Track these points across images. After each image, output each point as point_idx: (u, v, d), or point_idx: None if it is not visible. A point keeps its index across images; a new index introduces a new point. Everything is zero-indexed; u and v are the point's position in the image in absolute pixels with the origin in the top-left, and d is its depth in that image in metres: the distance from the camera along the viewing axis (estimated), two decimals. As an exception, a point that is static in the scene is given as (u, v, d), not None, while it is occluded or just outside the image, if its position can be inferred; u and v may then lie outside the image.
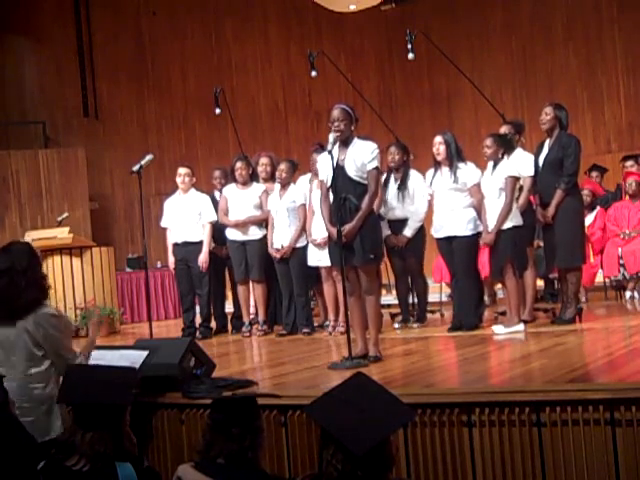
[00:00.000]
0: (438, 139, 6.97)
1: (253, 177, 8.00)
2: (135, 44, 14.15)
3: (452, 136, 7.00)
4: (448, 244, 6.96)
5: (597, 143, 12.10)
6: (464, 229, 6.84)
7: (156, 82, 14.16)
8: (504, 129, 7.22)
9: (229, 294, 8.67)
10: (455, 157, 6.90)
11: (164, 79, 14.13)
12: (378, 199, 6.93)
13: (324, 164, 5.57)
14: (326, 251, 6.99)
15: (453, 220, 6.86)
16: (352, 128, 5.47)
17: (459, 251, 6.88)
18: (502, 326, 6.50)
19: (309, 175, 7.67)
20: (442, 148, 6.93)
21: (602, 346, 5.71)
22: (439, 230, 7.00)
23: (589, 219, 8.73)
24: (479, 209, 6.77)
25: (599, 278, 8.74)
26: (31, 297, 4.00)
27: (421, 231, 7.36)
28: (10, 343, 4.02)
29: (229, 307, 8.63)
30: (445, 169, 6.95)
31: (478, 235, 6.79)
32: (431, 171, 7.13)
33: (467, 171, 6.88)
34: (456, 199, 6.87)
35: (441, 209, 6.98)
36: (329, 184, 5.49)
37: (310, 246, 7.41)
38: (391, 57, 13.14)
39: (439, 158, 6.97)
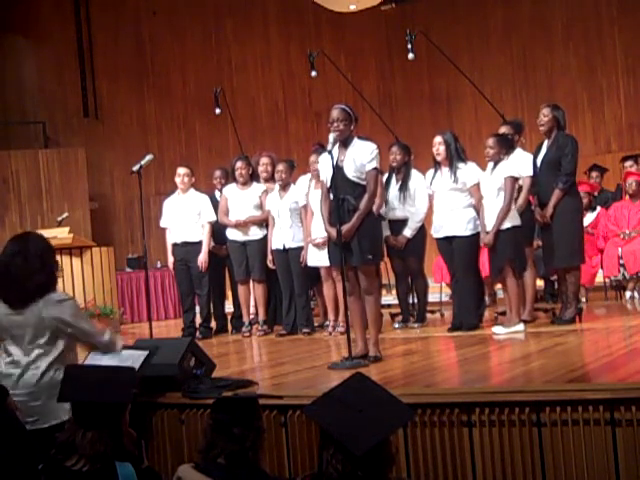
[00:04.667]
0: (438, 139, 6.96)
1: (253, 177, 8.00)
2: (135, 44, 14.15)
3: (452, 136, 6.99)
4: (448, 244, 6.96)
5: (597, 143, 12.10)
6: (464, 229, 6.83)
7: (156, 82, 14.17)
8: (503, 129, 7.21)
9: (229, 294, 8.67)
10: (455, 157, 6.89)
11: (164, 79, 14.14)
12: (379, 199, 6.94)
13: (324, 164, 5.57)
14: (326, 251, 7.01)
15: (453, 220, 6.86)
16: (351, 128, 5.46)
17: (459, 251, 6.88)
18: (502, 326, 6.50)
19: (309, 175, 7.67)
20: (442, 148, 6.92)
21: (602, 346, 5.71)
22: (439, 230, 7.00)
23: (589, 219, 8.72)
24: (479, 209, 6.77)
25: (599, 278, 8.74)
26: (42, 281, 4.04)
27: (422, 231, 7.36)
28: (21, 328, 4.05)
29: (229, 307, 8.63)
30: (445, 169, 6.94)
31: (478, 235, 6.79)
32: (431, 171, 7.13)
33: (467, 171, 6.88)
34: (456, 199, 6.87)
35: (441, 209, 6.97)
36: (329, 184, 5.49)
37: (310, 246, 7.41)
38: (391, 57, 13.14)
39: (439, 158, 6.96)
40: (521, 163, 6.80)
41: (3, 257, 4.11)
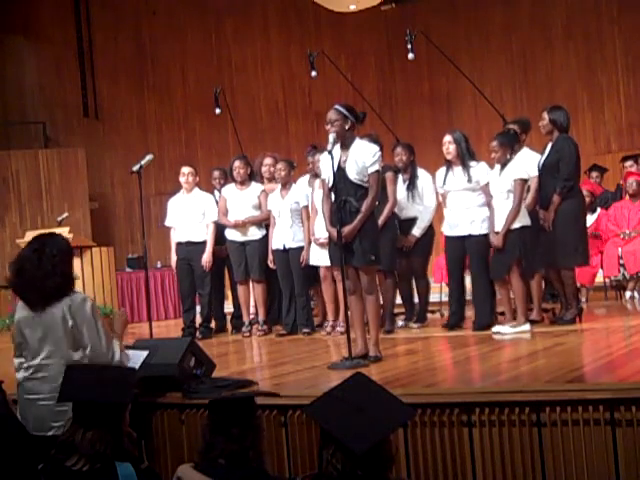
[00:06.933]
0: (447, 138, 6.91)
1: (252, 177, 7.99)
2: (135, 44, 14.15)
3: (461, 135, 6.93)
4: (460, 243, 6.91)
5: (597, 143, 12.09)
6: (479, 227, 6.79)
7: (156, 82, 14.17)
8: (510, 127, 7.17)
9: (229, 294, 8.66)
10: (467, 156, 6.85)
11: (164, 79, 14.14)
12: (391, 203, 6.94)
13: (325, 164, 5.56)
14: (327, 251, 7.00)
15: (469, 219, 6.81)
16: (346, 127, 5.44)
17: (474, 249, 6.82)
18: (508, 326, 6.47)
19: (307, 177, 7.69)
20: (452, 147, 6.87)
21: (602, 346, 5.71)
22: (454, 228, 6.95)
23: (591, 219, 8.72)
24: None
25: (599, 278, 8.73)
26: (57, 283, 4.02)
27: (430, 231, 7.35)
28: (48, 330, 4.03)
29: (228, 307, 8.63)
30: (457, 168, 6.88)
31: None
32: (441, 171, 7.06)
33: (479, 170, 6.83)
34: (470, 198, 6.82)
35: (455, 208, 6.91)
36: (330, 185, 5.48)
37: (312, 245, 7.41)
38: (391, 57, 13.12)
39: (449, 157, 6.90)
40: (529, 163, 6.79)
41: (21, 256, 4.11)
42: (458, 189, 6.88)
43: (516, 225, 6.45)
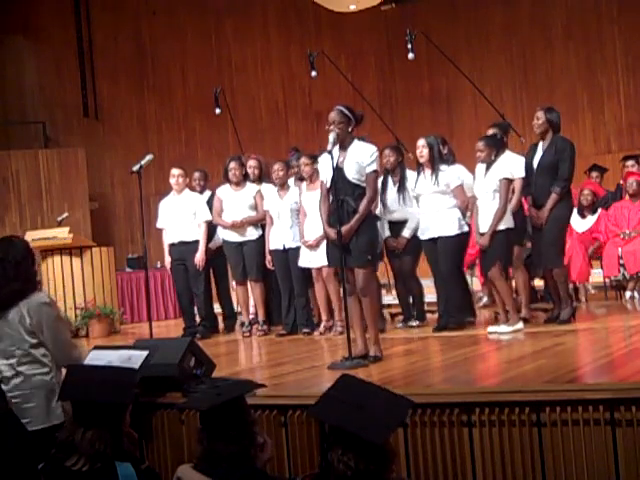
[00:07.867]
0: (421, 142, 6.97)
1: (246, 177, 7.99)
2: (135, 44, 14.17)
3: (435, 139, 6.99)
4: (434, 245, 6.97)
5: (597, 143, 12.10)
6: (449, 229, 6.85)
7: (156, 82, 14.18)
8: (491, 131, 7.23)
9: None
10: (437, 160, 6.90)
11: (164, 79, 14.15)
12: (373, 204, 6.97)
13: (324, 165, 5.56)
14: (316, 252, 7.02)
15: (438, 221, 6.88)
16: (349, 130, 5.44)
17: (444, 250, 6.88)
18: (505, 325, 6.49)
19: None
20: (425, 151, 6.93)
21: (602, 346, 5.71)
22: (425, 232, 7.01)
23: (591, 220, 8.74)
24: (464, 210, 6.82)
25: (599, 278, 8.74)
26: (16, 288, 4.02)
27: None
28: (5, 331, 4.03)
29: (217, 308, 8.61)
30: (428, 172, 6.96)
31: (463, 235, 6.87)
32: (414, 174, 7.14)
33: (450, 173, 6.90)
34: (440, 201, 6.89)
35: (426, 211, 6.98)
36: (329, 185, 5.48)
37: (302, 247, 7.42)
38: (391, 57, 13.14)
39: (422, 160, 6.98)
40: (513, 164, 6.81)
41: None
42: (428, 193, 6.93)
43: (501, 227, 6.47)
